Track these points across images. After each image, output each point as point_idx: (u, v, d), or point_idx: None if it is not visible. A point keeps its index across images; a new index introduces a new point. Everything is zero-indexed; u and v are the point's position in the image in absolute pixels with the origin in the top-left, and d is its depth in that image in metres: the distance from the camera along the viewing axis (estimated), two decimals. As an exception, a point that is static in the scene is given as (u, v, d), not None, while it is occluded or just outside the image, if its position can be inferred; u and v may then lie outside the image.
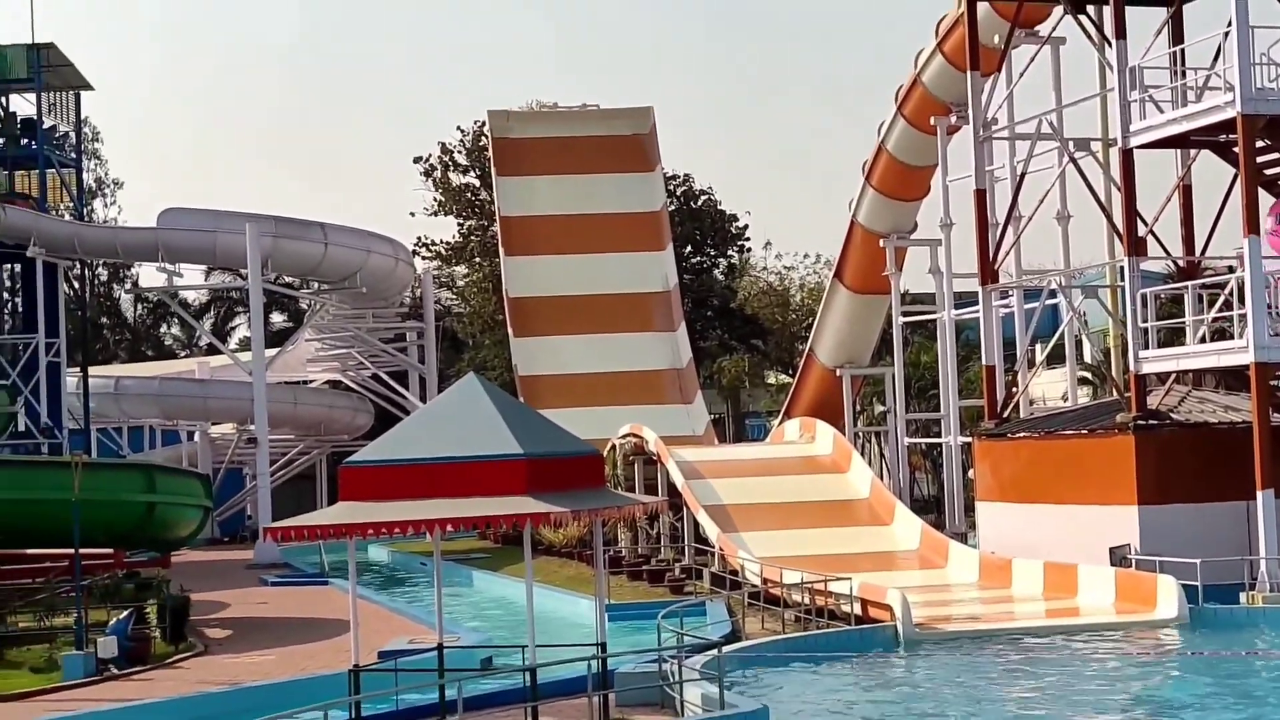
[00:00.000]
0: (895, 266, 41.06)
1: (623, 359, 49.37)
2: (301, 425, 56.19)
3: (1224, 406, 28.33)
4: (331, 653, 22.44)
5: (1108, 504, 27.17)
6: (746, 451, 41.59)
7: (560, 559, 36.61)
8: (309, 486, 58.87)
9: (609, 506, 16.71)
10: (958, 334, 39.47)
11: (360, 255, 50.12)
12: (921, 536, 30.85)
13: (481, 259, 60.87)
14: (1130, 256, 27.93)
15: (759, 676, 20.26)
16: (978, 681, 19.92)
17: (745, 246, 65.13)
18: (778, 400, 57.82)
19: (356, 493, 15.87)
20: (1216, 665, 20.36)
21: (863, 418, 48.84)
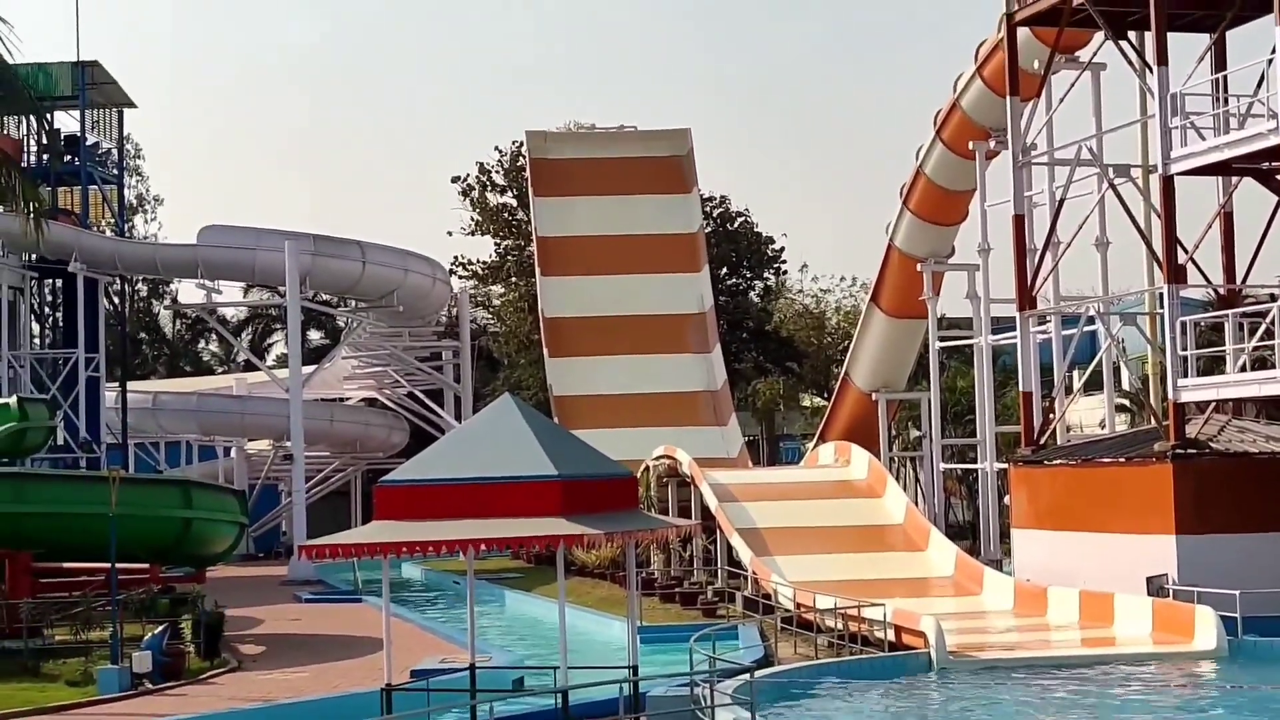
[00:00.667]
0: (932, 291, 40.93)
1: (657, 380, 49.34)
2: (337, 442, 56.37)
3: (1264, 436, 28.11)
4: (364, 671, 22.46)
5: (1145, 533, 26.96)
6: (781, 475, 41.49)
7: (593, 580, 36.58)
8: (344, 503, 59.04)
9: (642, 529, 16.72)
10: (995, 359, 39.30)
11: (398, 274, 50.32)
12: (956, 563, 30.68)
13: (518, 279, 61.01)
14: (1170, 284, 27.76)
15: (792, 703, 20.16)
16: (1011, 710, 19.77)
17: (781, 269, 65.09)
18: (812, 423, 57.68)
19: (391, 511, 15.92)
20: (1256, 699, 20.15)
21: (898, 442, 48.65)
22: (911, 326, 43.21)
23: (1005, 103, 33.16)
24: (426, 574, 45.73)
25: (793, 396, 66.79)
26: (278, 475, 57.24)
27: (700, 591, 32.97)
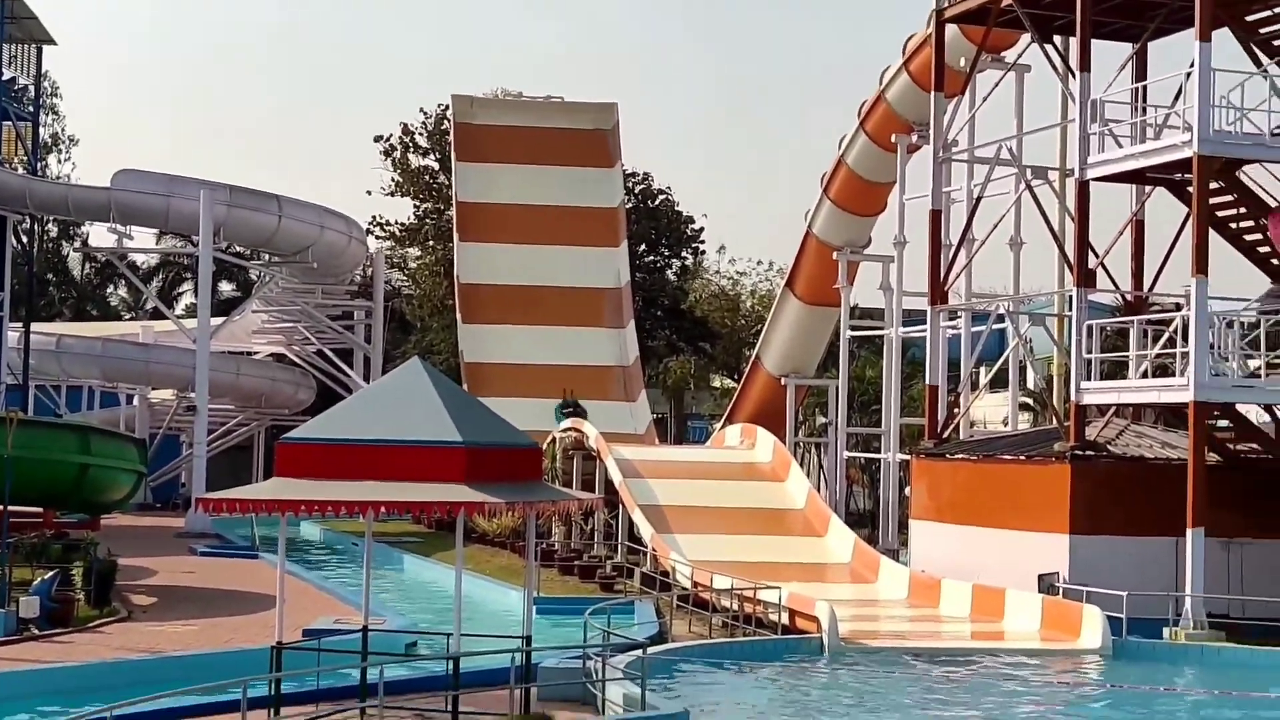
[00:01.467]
0: (847, 280, 41.21)
1: (569, 352, 49.32)
2: (242, 396, 55.85)
3: (1161, 442, 28.60)
4: (256, 627, 22.33)
5: (1040, 531, 27.37)
6: (686, 454, 41.65)
7: (493, 548, 36.54)
8: (245, 458, 58.54)
9: (544, 500, 16.70)
10: (904, 351, 39.65)
11: (314, 230, 49.87)
12: (854, 550, 30.97)
13: (435, 242, 60.67)
14: (1079, 287, 28.14)
15: (683, 679, 20.29)
16: (896, 697, 20.02)
17: (700, 249, 65.21)
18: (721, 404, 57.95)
19: (293, 469, 15.80)
20: (1133, 698, 20.54)
21: (804, 428, 48.97)
22: (824, 314, 43.51)
23: (930, 98, 33.42)
24: (325, 534, 45.47)
25: (703, 377, 67.04)
26: (180, 426, 56.62)
27: (599, 565, 33.05)
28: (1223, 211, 28.12)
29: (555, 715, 16.37)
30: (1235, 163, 27.06)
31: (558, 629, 23.49)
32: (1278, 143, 26.87)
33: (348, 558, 38.91)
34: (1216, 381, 25.84)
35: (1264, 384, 26.61)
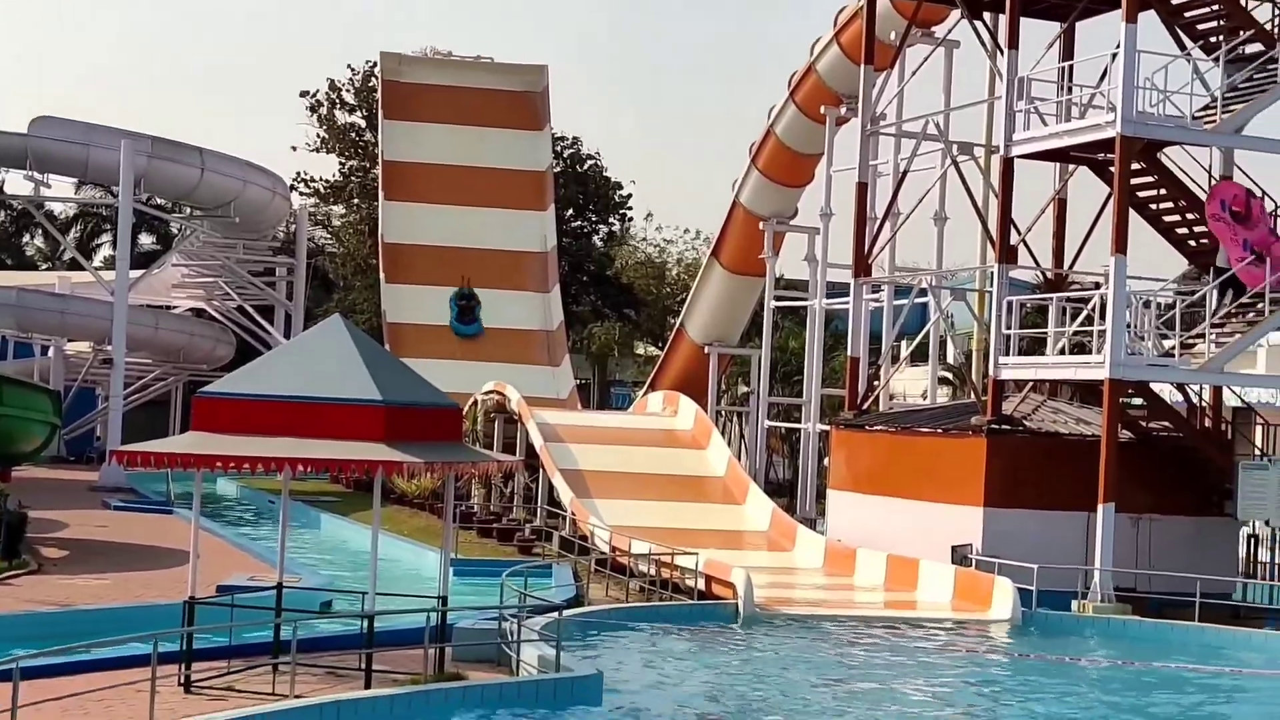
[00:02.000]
0: (772, 250, 41.35)
1: (493, 316, 49.25)
2: (160, 350, 55.27)
3: (1076, 418, 28.97)
4: (169, 582, 22.16)
5: (955, 503, 27.67)
6: (608, 419, 41.72)
7: (412, 509, 36.45)
8: (162, 413, 57.98)
9: (464, 461, 16.68)
10: (827, 323, 39.87)
11: (237, 184, 49.35)
12: (772, 519, 31.19)
13: (360, 201, 60.24)
14: (1000, 263, 28.41)
15: (598, 642, 20.38)
16: (808, 662, 20.22)
17: (627, 216, 65.22)
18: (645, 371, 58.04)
19: (209, 424, 15.66)
20: (1039, 668, 20.87)
21: (726, 397, 49.16)
22: (749, 283, 43.65)
23: (859, 71, 33.54)
24: (242, 490, 45.19)
25: (627, 343, 67.06)
26: (96, 379, 55.95)
27: (518, 529, 33.06)
28: (1143, 192, 28.44)
29: (469, 675, 16.39)
30: (1157, 144, 27.37)
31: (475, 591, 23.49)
32: (1199, 126, 27.22)
33: (264, 515, 38.69)
34: (1132, 360, 26.20)
35: (1177, 363, 26.99)
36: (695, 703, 17.06)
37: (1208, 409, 29.64)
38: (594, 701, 16.28)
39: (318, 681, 15.78)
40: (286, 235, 60.18)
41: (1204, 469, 27.77)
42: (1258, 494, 26.29)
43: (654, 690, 17.59)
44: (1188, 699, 19.17)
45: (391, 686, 15.54)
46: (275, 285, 57.40)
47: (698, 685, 18.28)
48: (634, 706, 16.56)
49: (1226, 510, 27.33)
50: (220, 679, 15.75)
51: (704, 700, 17.26)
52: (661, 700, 17.01)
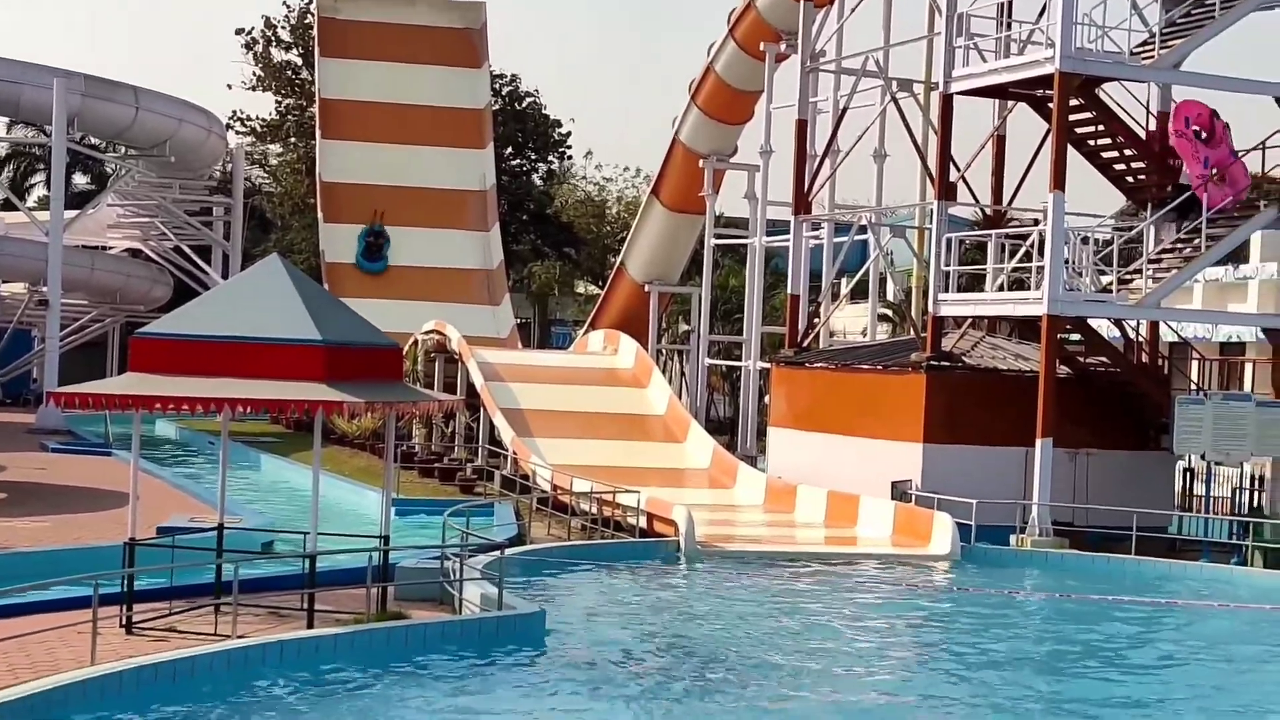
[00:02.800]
0: (712, 188, 41.30)
1: (433, 255, 48.98)
2: (96, 291, 54.68)
3: (1014, 355, 29.19)
4: (108, 524, 22.01)
5: (895, 439, 27.86)
6: (549, 358, 41.68)
7: (353, 450, 36.36)
8: (99, 355, 57.45)
9: (404, 401, 16.61)
10: (767, 261, 39.91)
11: (172, 123, 48.71)
12: (713, 457, 31.32)
13: (297, 139, 59.61)
14: (940, 200, 28.50)
15: (540, 580, 20.44)
16: (749, 599, 20.37)
17: (566, 154, 64.91)
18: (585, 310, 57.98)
19: (147, 364, 15.51)
20: (978, 601, 21.12)
21: (667, 335, 49.22)
22: (689, 221, 43.60)
23: (799, 7, 33.42)
24: (181, 432, 44.92)
25: (568, 282, 66.94)
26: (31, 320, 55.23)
27: (459, 468, 33.05)
28: (1082, 129, 28.56)
29: (412, 614, 16.40)
30: (1095, 80, 27.46)
31: (417, 530, 23.52)
32: (1137, 62, 27.34)
33: (204, 457, 38.49)
34: (1069, 296, 26.39)
35: (1115, 299, 27.23)
36: (638, 639, 17.17)
37: (1145, 344, 29.94)
38: (536, 639, 16.35)
39: (260, 622, 15.75)
40: (223, 175, 59.50)
41: (1141, 404, 28.08)
42: (1193, 428, 26.62)
43: (596, 627, 17.69)
44: (1124, 630, 19.46)
45: (334, 626, 15.54)
46: (212, 225, 56.82)
47: (640, 622, 18.39)
48: (576, 643, 16.65)
49: (1163, 445, 27.66)
50: (162, 620, 15.68)
51: (646, 637, 17.37)
52: (604, 637, 17.10)
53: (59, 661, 13.61)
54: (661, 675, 15.40)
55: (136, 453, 16.50)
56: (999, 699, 15.18)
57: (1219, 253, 27.86)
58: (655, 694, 14.67)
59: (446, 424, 36.19)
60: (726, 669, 15.79)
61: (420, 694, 14.17)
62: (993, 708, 14.82)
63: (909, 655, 17.35)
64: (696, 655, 16.40)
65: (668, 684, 15.06)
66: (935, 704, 14.95)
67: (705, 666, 15.86)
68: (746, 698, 14.61)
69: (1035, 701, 15.23)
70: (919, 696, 15.26)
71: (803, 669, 16.06)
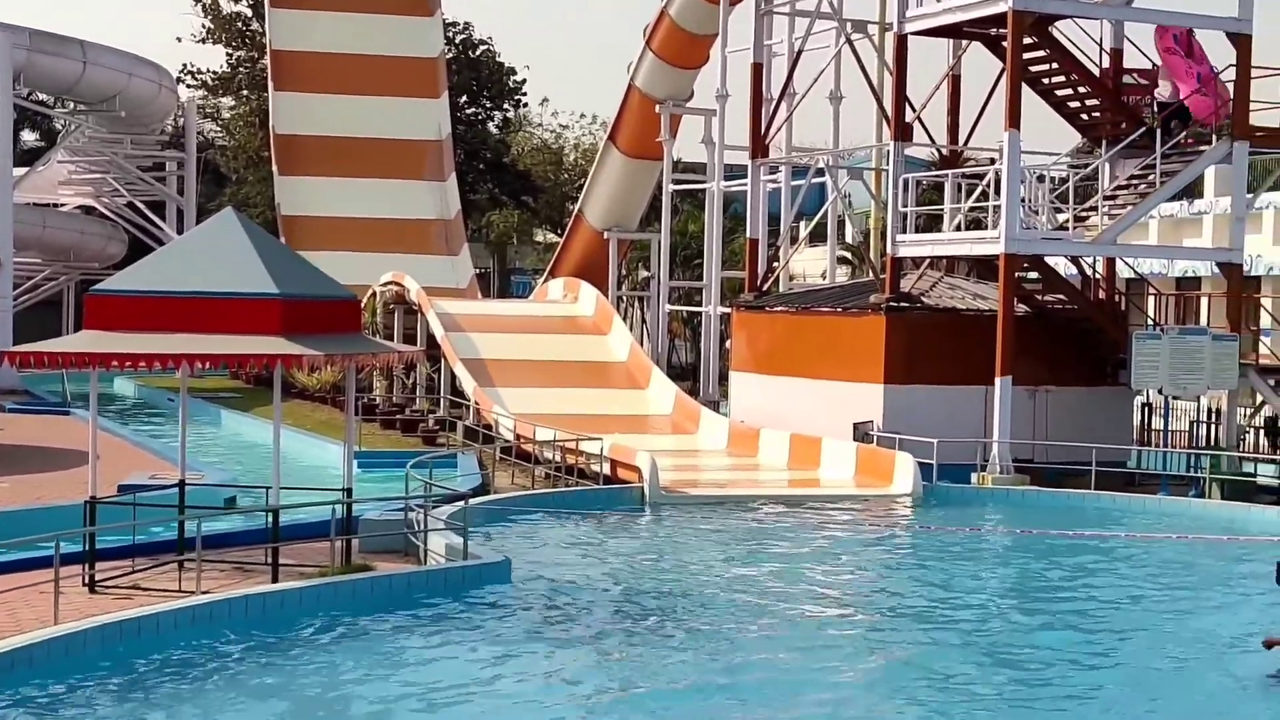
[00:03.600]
0: (669, 133, 41.16)
1: (390, 206, 48.73)
2: (50, 250, 54.19)
3: (973, 294, 29.29)
4: (69, 483, 21.91)
5: (856, 381, 27.97)
6: (509, 308, 41.59)
7: (313, 403, 36.24)
8: (55, 314, 56.96)
9: (363, 353, 16.56)
10: (726, 205, 39.87)
11: (121, 78, 48.16)
12: (675, 402, 31.36)
13: (250, 92, 59.09)
14: (896, 141, 28.50)
15: (505, 530, 20.47)
16: (714, 542, 20.46)
17: (522, 101, 64.57)
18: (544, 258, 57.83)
19: (103, 322, 15.39)
20: (941, 539, 21.27)
21: (627, 282, 49.16)
22: (647, 167, 43.47)
23: (752, -51, 33.25)
24: (140, 389, 44.68)
25: (526, 231, 66.73)
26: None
27: (421, 420, 33.01)
28: (1036, 67, 28.58)
29: (377, 566, 16.41)
30: (1049, 18, 27.47)
31: (380, 482, 23.49)
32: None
33: (163, 414, 38.30)
34: (1026, 234, 26.48)
35: (1071, 237, 27.33)
36: (603, 586, 17.22)
37: (1102, 281, 30.09)
38: (502, 587, 16.38)
39: (224, 577, 15.73)
40: (175, 129, 58.96)
41: (1098, 340, 28.25)
42: (1150, 363, 26.81)
43: (562, 575, 17.72)
44: (1085, 564, 19.64)
45: (299, 580, 15.54)
46: (166, 180, 56.34)
47: (606, 569, 18.45)
48: (542, 591, 16.69)
49: (1121, 380, 27.86)
50: (125, 578, 15.65)
51: (612, 583, 17.42)
52: (569, 584, 17.15)
53: (22, 622, 13.57)
54: (627, 621, 15.47)
55: (94, 411, 16.41)
56: (964, 635, 15.32)
57: (1174, 188, 28.00)
58: (621, 640, 14.74)
59: (407, 375, 36.11)
60: (691, 613, 15.87)
61: (387, 645, 14.19)
62: (959, 644, 14.95)
63: (874, 595, 17.46)
64: (661, 600, 16.47)
65: (633, 629, 15.12)
66: (900, 642, 15.07)
67: (670, 611, 15.94)
68: (712, 641, 14.69)
69: (1001, 637, 15.38)
70: (884, 635, 15.39)
71: (767, 610, 16.15)
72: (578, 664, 13.84)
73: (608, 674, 13.62)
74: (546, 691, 12.87)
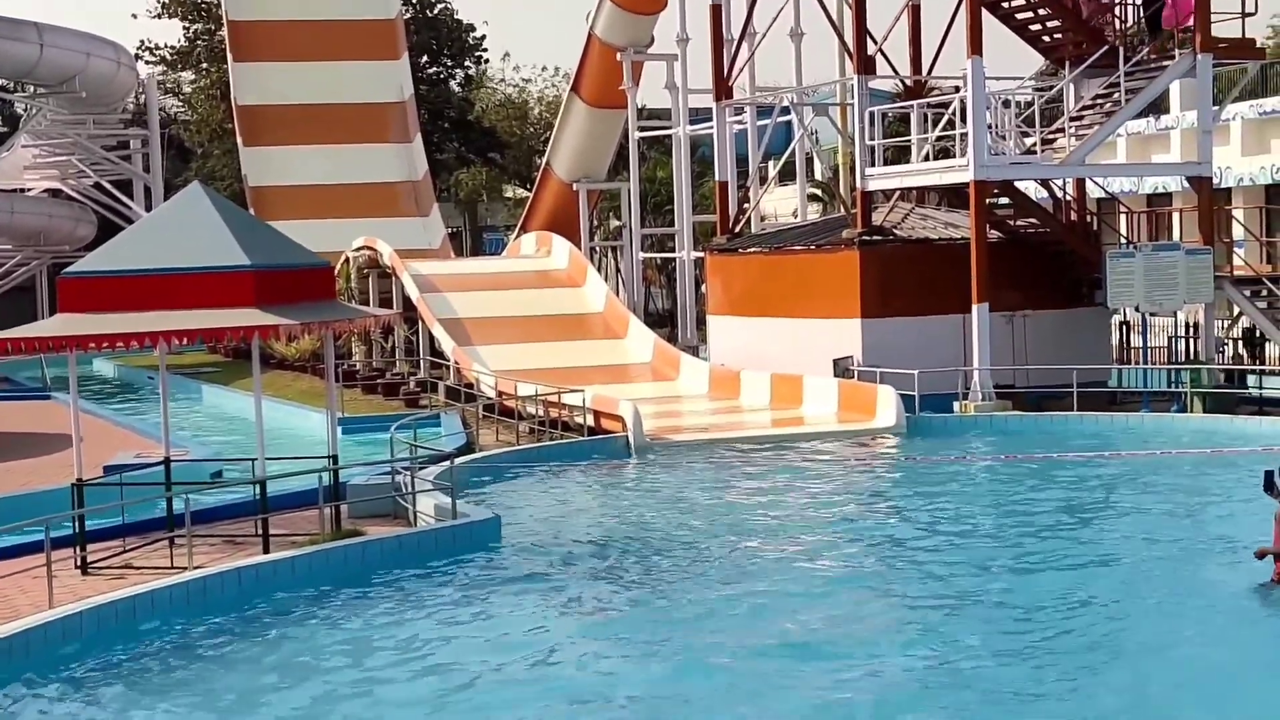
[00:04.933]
0: (632, 81, 41.01)
1: (357, 171, 48.53)
2: (19, 235, 53.91)
3: (945, 223, 29.31)
4: (54, 467, 21.87)
5: (833, 317, 28.02)
6: (483, 265, 41.52)
7: (293, 373, 36.18)
8: (29, 299, 56.68)
9: (340, 319, 16.54)
10: (693, 150, 39.78)
11: (79, 58, 47.83)
12: (654, 350, 31.41)
13: (209, 65, 58.66)
14: (859, 75, 28.44)
15: (493, 487, 20.52)
16: (703, 485, 20.53)
17: (483, 58, 64.22)
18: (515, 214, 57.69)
19: (77, 304, 15.36)
20: (927, 469, 21.39)
21: (599, 232, 49.08)
22: (611, 116, 43.33)
23: (704, -110, 33.03)
24: (119, 369, 44.56)
25: (495, 187, 66.53)
26: (-46, 270, 54.58)
27: (402, 382, 32.98)
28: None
29: (367, 530, 16.45)
30: (1005, -57, 27.39)
31: (365, 447, 23.51)
32: (1045, -80, 27.25)
33: (144, 393, 38.23)
34: (995, 160, 26.49)
35: (1040, 160, 27.34)
36: (595, 536, 17.29)
37: (1073, 203, 30.13)
38: (493, 545, 16.44)
39: (216, 551, 15.77)
40: (137, 107, 58.57)
41: (1072, 262, 28.32)
42: (1125, 281, 26.90)
43: (552, 528, 17.79)
44: (1072, 485, 19.78)
45: (290, 549, 15.57)
46: (131, 159, 56.03)
47: (596, 519, 18.52)
48: (534, 545, 16.75)
49: (1097, 300, 27.95)
50: (117, 558, 15.68)
51: (603, 533, 17.49)
52: (560, 537, 17.21)
53: (18, 608, 13.59)
54: (619, 570, 15.55)
55: (75, 394, 16.39)
56: (960, 563, 15.42)
57: (1139, 105, 27.99)
58: (614, 589, 14.81)
59: (385, 339, 36.06)
60: (683, 558, 15.95)
61: (383, 608, 14.24)
62: (955, 571, 15.05)
63: (864, 528, 17.56)
64: (652, 547, 16.55)
65: (626, 578, 15.20)
66: (895, 575, 15.17)
67: (661, 557, 16.01)
68: (705, 585, 14.77)
69: (996, 561, 15.48)
70: (879, 569, 15.49)
71: (761, 548, 16.25)
72: (579, 615, 13.90)
73: (608, 623, 13.68)
74: (549, 645, 12.89)
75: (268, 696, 11.74)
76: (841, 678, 11.64)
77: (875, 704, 11.10)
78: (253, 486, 16.27)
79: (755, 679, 11.69)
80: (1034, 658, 12.07)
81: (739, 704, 11.17)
